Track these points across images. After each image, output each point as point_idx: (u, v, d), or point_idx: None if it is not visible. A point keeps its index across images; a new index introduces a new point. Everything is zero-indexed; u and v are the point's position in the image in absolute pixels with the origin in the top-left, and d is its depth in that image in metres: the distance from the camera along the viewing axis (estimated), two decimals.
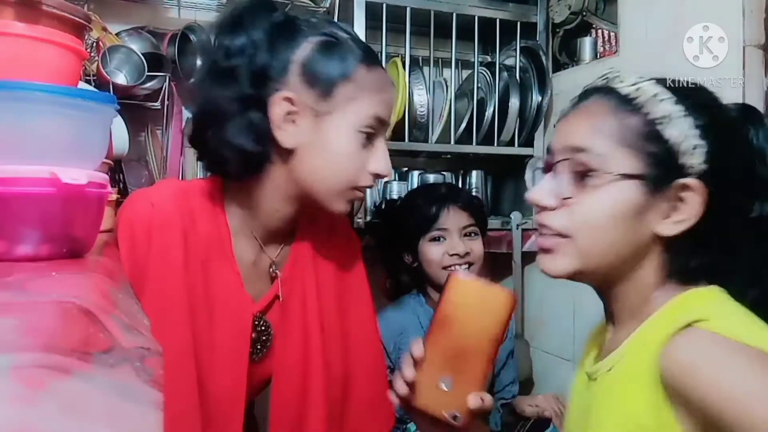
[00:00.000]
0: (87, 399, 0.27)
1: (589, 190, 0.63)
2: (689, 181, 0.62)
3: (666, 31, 1.32)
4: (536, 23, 1.76)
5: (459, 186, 1.78)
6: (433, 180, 1.76)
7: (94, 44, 1.40)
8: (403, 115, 1.62)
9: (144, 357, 0.36)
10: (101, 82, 1.40)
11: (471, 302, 0.67)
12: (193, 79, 1.42)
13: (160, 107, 1.55)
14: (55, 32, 0.62)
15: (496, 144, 1.73)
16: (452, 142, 1.70)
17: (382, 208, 1.59)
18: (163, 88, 1.54)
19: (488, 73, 1.75)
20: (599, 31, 1.77)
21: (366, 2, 1.55)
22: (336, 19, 1.56)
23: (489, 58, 1.86)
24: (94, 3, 1.52)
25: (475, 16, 1.70)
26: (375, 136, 0.82)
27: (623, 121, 0.63)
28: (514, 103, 1.70)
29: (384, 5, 1.58)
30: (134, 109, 1.52)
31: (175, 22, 1.63)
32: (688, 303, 0.63)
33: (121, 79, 1.47)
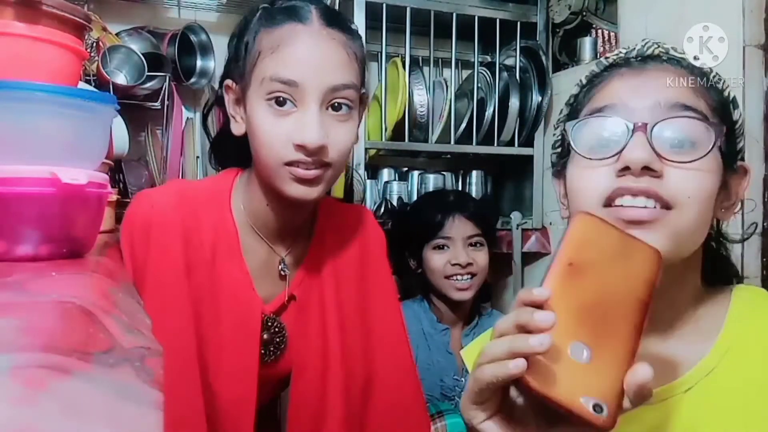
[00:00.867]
0: (87, 399, 0.27)
1: (696, 157, 0.54)
2: (747, 165, 0.60)
3: (666, 31, 1.32)
4: (536, 23, 1.76)
5: (469, 194, 1.75)
6: (432, 180, 1.76)
7: (94, 44, 1.40)
8: (403, 115, 1.62)
9: (144, 357, 0.36)
10: (101, 82, 1.40)
11: (609, 250, 0.48)
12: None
13: (160, 107, 1.56)
14: (55, 32, 0.61)
15: (496, 144, 1.73)
16: (452, 142, 1.70)
17: (396, 210, 1.59)
18: (163, 88, 1.54)
19: (488, 73, 1.75)
20: (599, 31, 1.77)
21: (366, 2, 1.56)
22: None
23: (489, 58, 1.86)
24: (94, 3, 1.52)
25: (475, 16, 1.70)
26: (291, 102, 0.73)
27: (709, 93, 0.59)
28: (514, 103, 1.70)
29: (384, 5, 1.58)
30: (134, 109, 1.52)
31: (175, 22, 1.63)
32: (758, 297, 0.60)
33: (121, 79, 1.47)
